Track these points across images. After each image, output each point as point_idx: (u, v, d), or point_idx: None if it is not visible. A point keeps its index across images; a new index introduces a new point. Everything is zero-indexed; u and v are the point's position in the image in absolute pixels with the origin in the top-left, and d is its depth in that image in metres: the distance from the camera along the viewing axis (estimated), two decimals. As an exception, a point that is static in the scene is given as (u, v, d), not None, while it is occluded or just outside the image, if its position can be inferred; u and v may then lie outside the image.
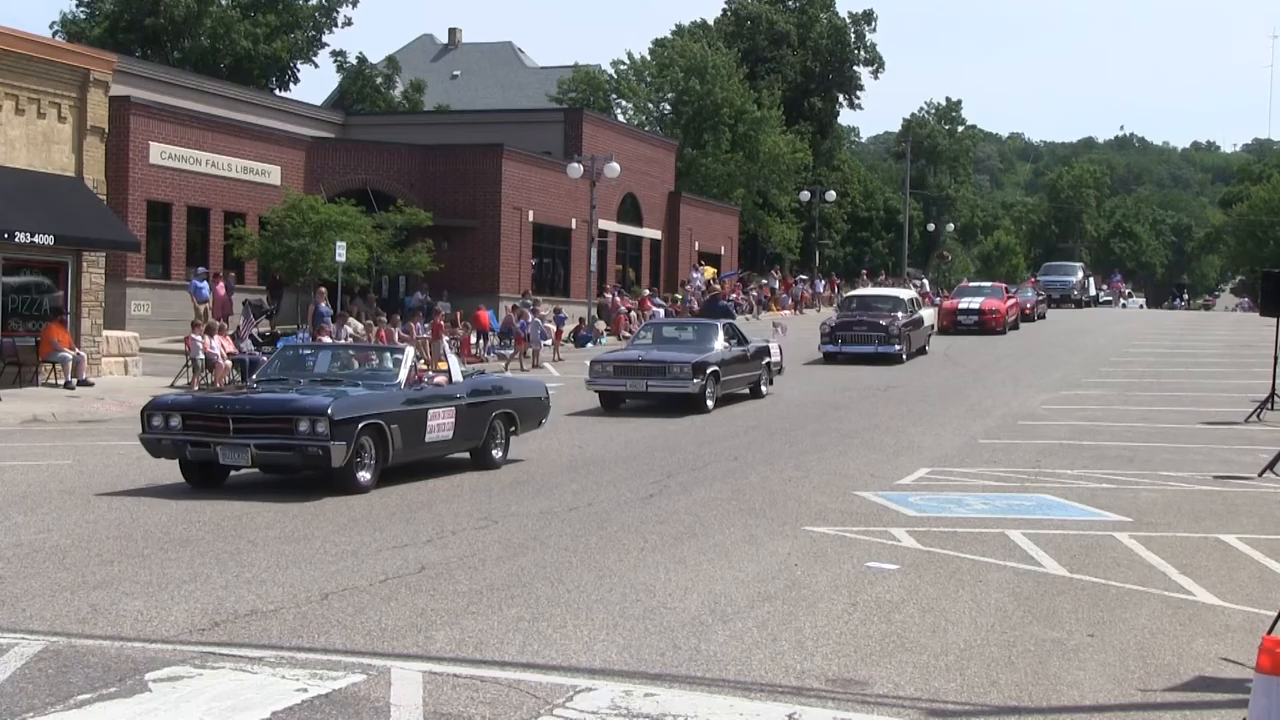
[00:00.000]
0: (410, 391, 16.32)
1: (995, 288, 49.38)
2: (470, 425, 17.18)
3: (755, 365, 27.33)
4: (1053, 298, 60.08)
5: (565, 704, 7.47)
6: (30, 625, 9.04)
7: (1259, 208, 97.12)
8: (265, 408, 15.28)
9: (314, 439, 14.65)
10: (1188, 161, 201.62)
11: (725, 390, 25.68)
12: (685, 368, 24.55)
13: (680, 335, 27.50)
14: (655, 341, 27.08)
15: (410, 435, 15.93)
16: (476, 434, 17.39)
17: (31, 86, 27.86)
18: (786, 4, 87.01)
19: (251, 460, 15.21)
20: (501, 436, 17.95)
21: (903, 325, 34.98)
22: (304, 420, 14.72)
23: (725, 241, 65.03)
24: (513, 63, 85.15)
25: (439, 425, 16.50)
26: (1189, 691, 8.13)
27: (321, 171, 44.29)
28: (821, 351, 35.05)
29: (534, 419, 19.12)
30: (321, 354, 18.06)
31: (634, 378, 24.88)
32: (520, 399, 18.76)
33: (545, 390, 19.88)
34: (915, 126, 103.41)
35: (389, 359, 17.21)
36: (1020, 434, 21.94)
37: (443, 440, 16.74)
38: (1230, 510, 14.86)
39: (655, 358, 25.20)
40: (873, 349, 34.39)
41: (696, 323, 29.97)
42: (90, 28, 61.43)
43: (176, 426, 15.33)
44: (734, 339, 27.04)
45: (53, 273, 28.82)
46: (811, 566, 11.45)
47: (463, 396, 17.14)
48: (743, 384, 26.86)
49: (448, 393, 17.02)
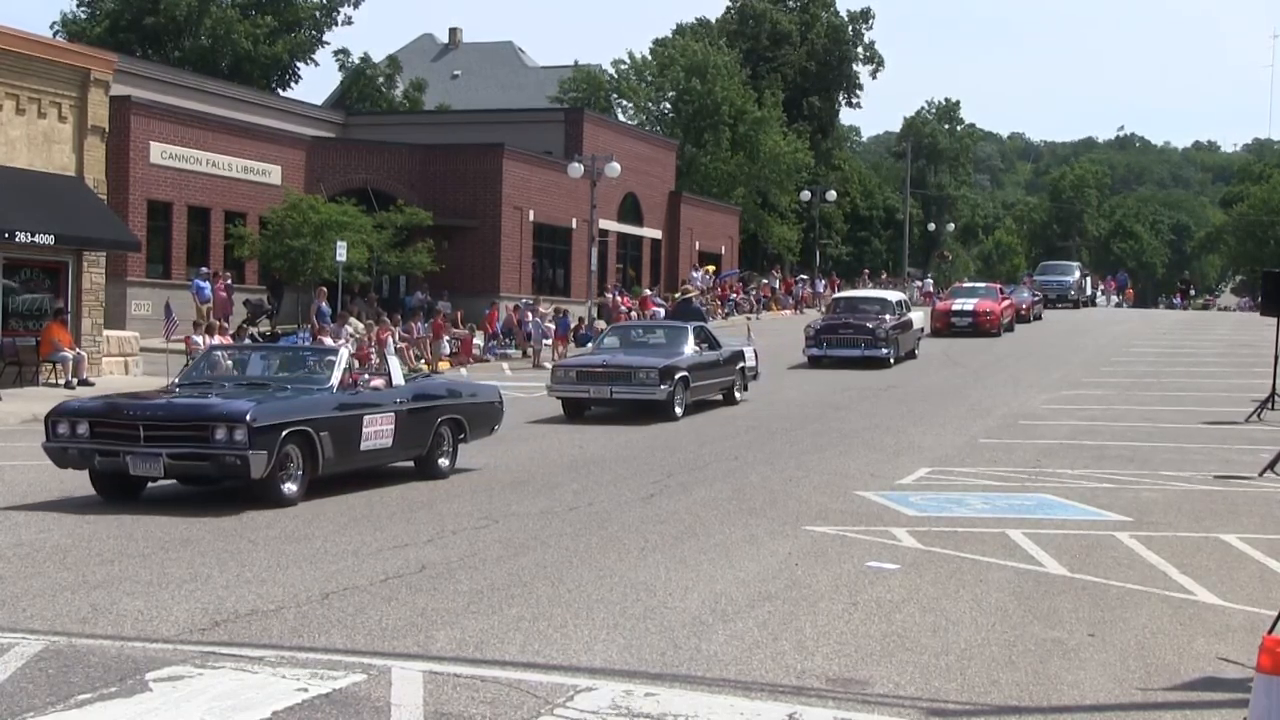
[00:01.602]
0: (344, 396, 15.26)
1: (990, 288, 48.21)
2: (413, 432, 16.12)
3: (729, 370, 25.98)
4: (1049, 298, 58.98)
5: (566, 703, 7.47)
6: (31, 625, 9.04)
7: (1259, 207, 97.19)
8: (179, 414, 14.22)
9: (231, 448, 13.59)
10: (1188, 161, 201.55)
11: (696, 397, 24.41)
12: (652, 373, 23.20)
13: (649, 339, 26.24)
14: (623, 345, 25.76)
15: (343, 443, 14.90)
16: (420, 442, 16.33)
17: (32, 86, 27.86)
18: (789, 3, 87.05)
19: (164, 471, 14.04)
20: (449, 444, 16.83)
21: (891, 328, 33.82)
22: (221, 427, 13.66)
23: (726, 241, 65.05)
24: (513, 62, 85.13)
25: (376, 432, 15.43)
26: (1189, 691, 8.13)
27: (322, 171, 44.31)
28: (806, 355, 33.97)
29: (485, 425, 18.01)
30: (251, 356, 16.90)
31: (598, 383, 23.46)
32: (469, 404, 17.70)
33: (498, 395, 18.79)
34: (916, 126, 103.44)
35: (321, 361, 16.09)
36: (1021, 434, 21.94)
37: (381, 448, 15.63)
38: (1231, 510, 14.86)
39: (620, 362, 23.85)
40: (859, 353, 33.16)
41: (666, 325, 28.40)
42: (91, 27, 61.43)
43: (84, 434, 14.16)
44: (705, 343, 25.61)
45: (53, 273, 28.83)
46: (812, 566, 11.45)
47: (404, 401, 16.06)
48: (715, 390, 25.52)
49: (387, 397, 15.92)
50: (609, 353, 25.08)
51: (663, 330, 26.96)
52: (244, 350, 17.85)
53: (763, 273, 67.13)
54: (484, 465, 17.61)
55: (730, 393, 26.00)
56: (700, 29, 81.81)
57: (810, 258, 75.05)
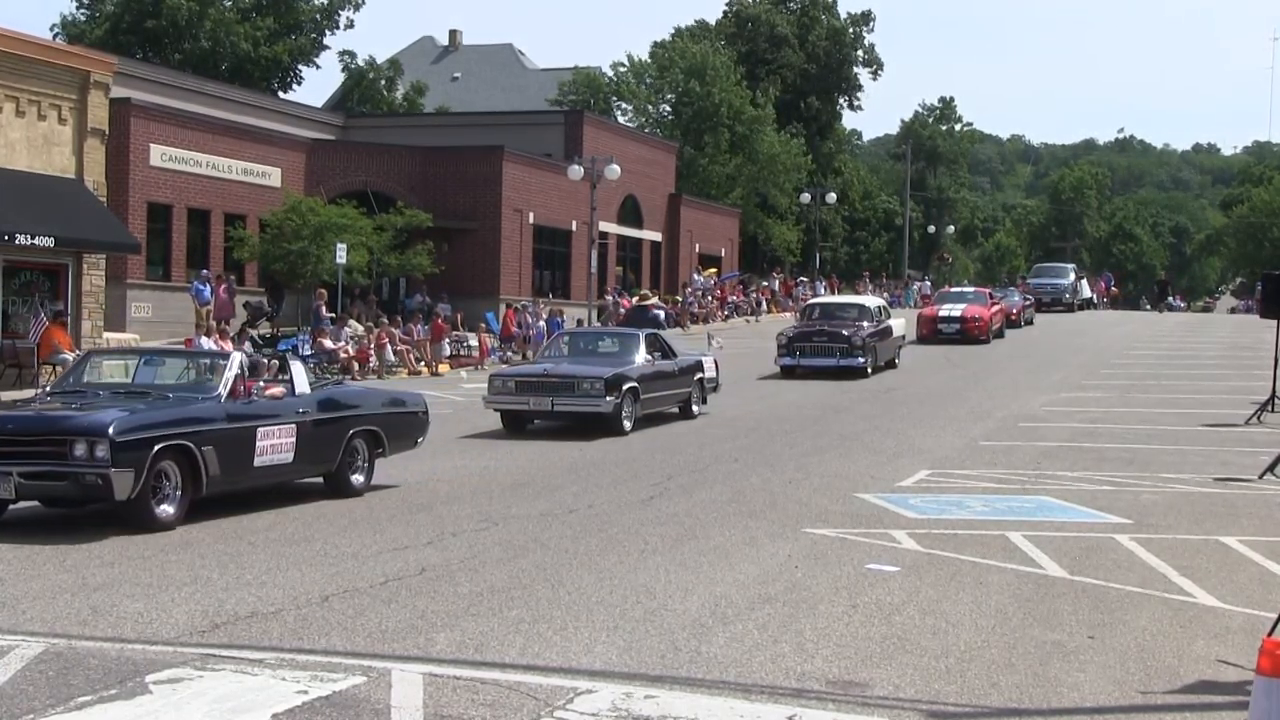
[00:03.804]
0: (234, 406, 13.74)
1: (979, 293, 46.32)
2: (319, 446, 14.75)
3: (684, 381, 24.12)
4: (1043, 301, 56.99)
5: (565, 706, 7.47)
6: (30, 627, 9.05)
7: (1259, 210, 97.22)
8: (32, 427, 12.69)
9: (92, 465, 12.11)
10: (1188, 164, 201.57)
11: (648, 410, 22.69)
12: (597, 384, 21.35)
13: (599, 347, 24.52)
14: (571, 353, 24.01)
15: (232, 458, 13.45)
16: (328, 456, 14.94)
17: (32, 89, 27.88)
18: (788, 5, 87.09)
19: (15, 492, 12.45)
20: (363, 459, 15.46)
21: (868, 336, 31.81)
22: (80, 442, 12.15)
23: (726, 243, 65.04)
24: (513, 64, 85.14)
25: (273, 446, 14.04)
26: (1189, 693, 8.13)
27: (322, 173, 44.29)
28: (778, 365, 31.84)
29: (407, 438, 16.59)
30: (135, 362, 14.94)
31: (538, 394, 21.66)
32: (388, 414, 16.22)
33: (423, 404, 17.22)
34: (915, 128, 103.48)
35: (211, 368, 14.46)
36: (1021, 436, 21.94)
37: (280, 464, 14.24)
38: (1230, 512, 14.86)
39: (563, 372, 22.04)
40: (834, 362, 31.09)
41: (617, 333, 26.44)
42: (91, 30, 61.42)
43: None
44: (658, 352, 23.72)
45: (53, 275, 28.84)
46: (812, 568, 11.45)
47: (308, 412, 14.64)
48: (670, 402, 23.76)
49: (287, 407, 14.44)
50: (554, 361, 23.42)
51: (613, 338, 25.23)
52: (127, 355, 16.31)
53: (763, 275, 67.12)
54: (407, 481, 16.17)
55: (687, 405, 24.23)
56: (699, 31, 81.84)
57: (810, 260, 75.05)
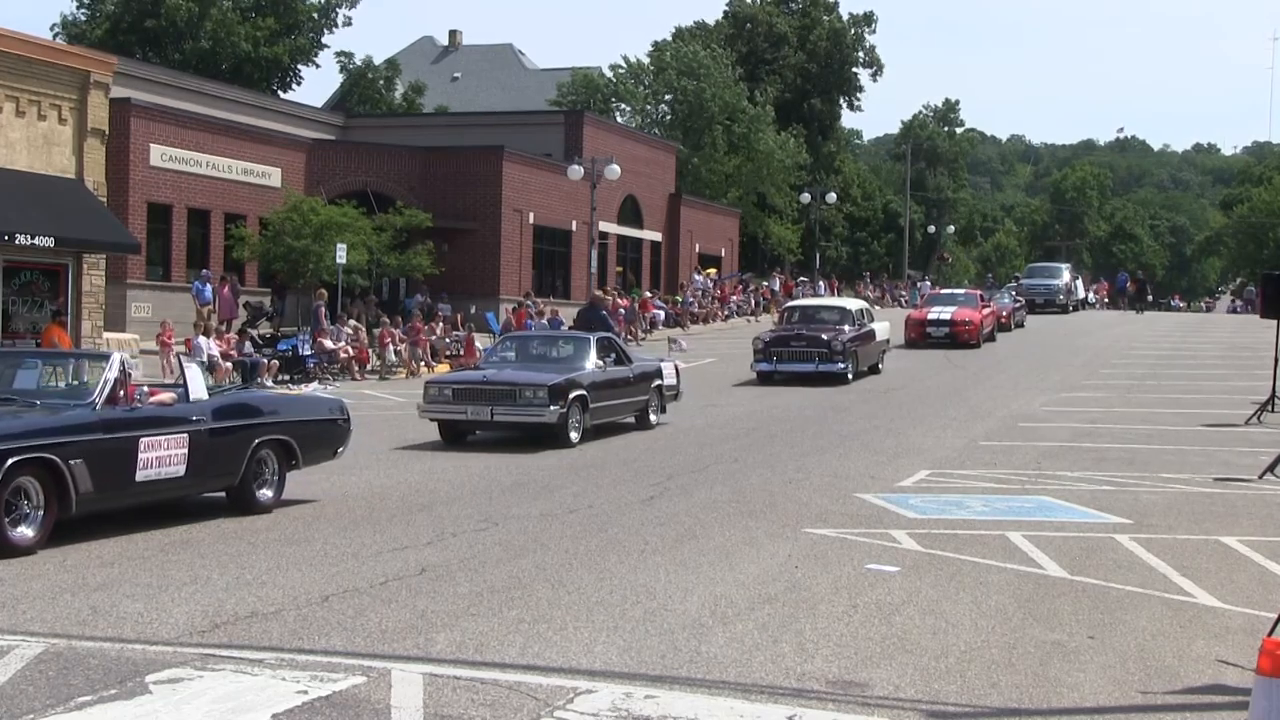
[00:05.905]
0: (112, 413, 12.35)
1: (969, 295, 44.57)
2: (218, 458, 13.45)
3: (640, 389, 22.70)
4: (1035, 303, 55.61)
5: (565, 706, 7.47)
6: (30, 627, 9.04)
7: (1259, 210, 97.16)
8: None
9: None
10: (1188, 164, 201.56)
11: (599, 419, 21.25)
12: (540, 391, 19.82)
13: (547, 351, 22.87)
14: (518, 358, 22.41)
15: (107, 472, 12.11)
16: (230, 469, 13.63)
17: (32, 89, 27.89)
18: (789, 6, 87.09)
19: None
20: (272, 472, 14.20)
21: (849, 340, 30.44)
22: None
23: (726, 243, 65.05)
24: (513, 65, 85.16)
25: (160, 458, 12.70)
26: (1189, 694, 8.13)
27: (322, 173, 44.30)
28: (755, 371, 30.53)
29: (325, 448, 15.27)
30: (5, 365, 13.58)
31: (477, 403, 20.06)
32: (299, 422, 14.81)
33: (341, 410, 15.78)
34: (916, 128, 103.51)
35: (83, 372, 13.20)
36: (1020, 436, 21.94)
37: (169, 478, 12.87)
38: (1230, 512, 14.86)
39: (505, 379, 20.48)
40: (813, 367, 29.85)
41: (567, 336, 24.55)
42: (91, 30, 61.45)
43: None
44: (611, 356, 22.30)
45: (53, 275, 28.85)
46: (812, 568, 11.45)
47: (203, 419, 13.28)
48: (626, 411, 22.41)
49: (177, 415, 13.12)
50: (496, 366, 21.86)
51: (564, 342, 23.45)
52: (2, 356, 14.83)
53: (763, 275, 67.10)
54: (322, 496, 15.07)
55: (644, 415, 22.84)
56: (698, 32, 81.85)
57: (810, 260, 75.06)
